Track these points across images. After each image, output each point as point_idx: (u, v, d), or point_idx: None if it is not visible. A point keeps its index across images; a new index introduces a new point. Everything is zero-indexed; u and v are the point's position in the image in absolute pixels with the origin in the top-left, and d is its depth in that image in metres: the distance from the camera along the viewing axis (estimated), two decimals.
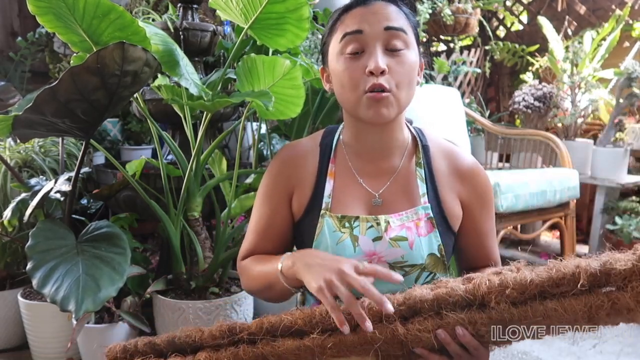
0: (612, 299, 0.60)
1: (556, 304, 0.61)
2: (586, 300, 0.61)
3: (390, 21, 0.81)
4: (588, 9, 4.07)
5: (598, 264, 0.61)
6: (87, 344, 1.49)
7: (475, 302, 0.65)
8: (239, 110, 1.87)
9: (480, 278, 0.66)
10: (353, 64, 0.82)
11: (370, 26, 0.81)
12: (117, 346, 0.74)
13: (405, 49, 0.82)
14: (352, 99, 0.83)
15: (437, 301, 0.66)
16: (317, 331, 0.67)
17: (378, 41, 0.81)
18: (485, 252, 0.94)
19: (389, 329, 0.66)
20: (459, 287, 0.66)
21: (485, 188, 0.92)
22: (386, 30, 0.81)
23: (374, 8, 0.82)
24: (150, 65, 1.15)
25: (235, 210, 1.54)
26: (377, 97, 0.80)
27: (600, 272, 0.61)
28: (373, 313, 0.67)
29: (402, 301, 0.67)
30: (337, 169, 0.92)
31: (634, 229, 2.75)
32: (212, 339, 0.71)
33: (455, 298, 0.65)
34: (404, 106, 0.84)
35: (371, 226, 0.85)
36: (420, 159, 0.91)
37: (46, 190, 1.45)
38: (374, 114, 0.81)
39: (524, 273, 0.64)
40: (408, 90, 0.83)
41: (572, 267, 0.62)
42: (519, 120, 4.04)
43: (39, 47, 3.04)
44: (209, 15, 2.77)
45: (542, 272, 0.63)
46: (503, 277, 0.64)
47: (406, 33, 0.82)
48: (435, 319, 0.65)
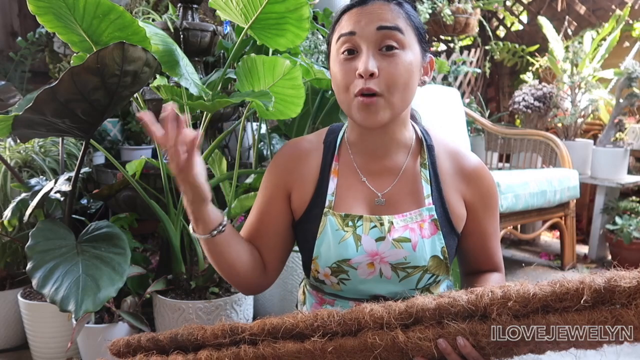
0: (615, 315, 0.60)
1: (558, 318, 0.61)
2: (589, 316, 0.60)
3: (384, 21, 0.80)
4: (588, 9, 4.07)
5: (602, 281, 0.61)
6: (87, 344, 1.49)
7: (477, 313, 0.65)
8: (239, 110, 1.87)
9: (483, 289, 0.66)
10: (346, 65, 0.81)
11: (363, 27, 0.80)
12: (120, 340, 0.75)
13: (400, 50, 0.80)
14: (345, 101, 0.83)
15: (439, 310, 0.66)
16: (318, 335, 0.67)
17: (370, 42, 0.80)
18: (488, 254, 0.94)
19: (390, 336, 0.65)
20: (461, 297, 0.66)
21: (490, 189, 0.91)
22: (379, 30, 0.79)
23: (370, 8, 0.81)
24: (150, 65, 1.15)
25: (235, 210, 1.54)
26: (365, 102, 0.79)
27: (605, 289, 0.60)
28: (374, 319, 0.67)
29: (404, 309, 0.67)
30: (340, 167, 0.91)
31: (634, 229, 2.75)
32: (213, 337, 0.71)
33: (457, 308, 0.65)
34: (399, 108, 0.83)
35: (374, 226, 0.85)
36: (425, 160, 0.90)
37: (46, 190, 1.45)
38: (363, 118, 0.80)
39: (527, 287, 0.64)
40: (403, 92, 0.81)
41: (576, 283, 0.62)
42: (519, 120, 4.04)
43: (39, 47, 3.04)
44: (209, 15, 2.77)
45: (546, 286, 0.63)
46: (506, 290, 0.64)
47: (402, 32, 0.80)
48: (437, 328, 0.65)
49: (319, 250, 0.86)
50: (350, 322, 0.67)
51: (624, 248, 2.83)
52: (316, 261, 0.87)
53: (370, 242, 0.85)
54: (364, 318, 0.67)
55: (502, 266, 0.96)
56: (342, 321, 0.68)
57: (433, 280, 0.88)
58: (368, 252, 0.85)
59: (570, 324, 0.61)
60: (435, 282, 0.89)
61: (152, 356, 0.72)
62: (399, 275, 0.85)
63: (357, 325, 0.67)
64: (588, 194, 3.48)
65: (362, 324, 0.67)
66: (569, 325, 0.61)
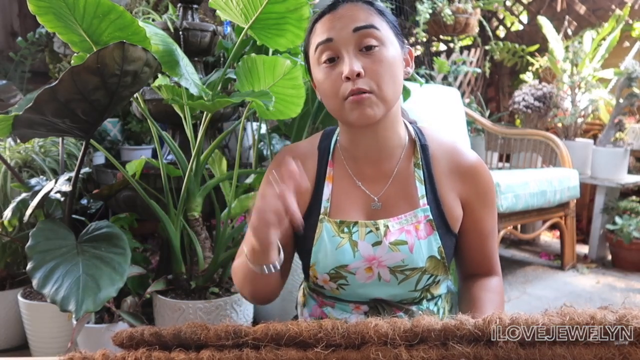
0: (623, 353, 0.59)
1: (565, 350, 0.61)
2: (596, 351, 0.60)
3: (357, 22, 0.80)
4: (588, 9, 4.07)
5: (614, 319, 0.61)
6: (87, 344, 1.49)
7: (484, 338, 0.65)
8: (239, 110, 1.87)
9: (491, 316, 0.65)
10: (330, 72, 0.81)
11: (338, 32, 0.80)
12: (124, 332, 0.75)
13: (380, 46, 0.80)
14: (335, 107, 0.82)
15: (444, 332, 0.65)
16: (321, 346, 0.67)
17: (349, 45, 0.79)
18: (485, 254, 0.92)
19: (393, 353, 0.65)
20: (468, 321, 0.66)
21: (487, 186, 0.90)
22: (355, 31, 0.79)
23: (340, 12, 0.81)
24: (150, 65, 1.15)
25: (235, 210, 1.54)
26: (358, 99, 0.78)
27: (615, 327, 0.60)
28: (378, 335, 0.66)
29: (410, 327, 0.67)
30: (335, 173, 0.91)
31: (634, 229, 2.76)
32: (217, 338, 0.71)
33: (464, 332, 0.65)
34: (391, 103, 0.82)
35: (370, 231, 0.85)
36: (418, 160, 0.89)
37: (46, 190, 1.45)
38: (358, 115, 0.80)
39: (536, 316, 0.64)
40: (393, 86, 0.81)
41: (586, 317, 0.61)
42: (519, 120, 4.04)
43: (39, 47, 3.04)
44: (209, 15, 2.77)
45: (555, 317, 0.63)
46: (514, 317, 0.64)
47: (378, 29, 0.80)
48: (441, 349, 0.65)
49: (317, 257, 0.86)
50: (354, 336, 0.66)
51: (624, 248, 2.83)
52: (314, 268, 0.87)
53: (366, 248, 0.84)
54: (368, 333, 0.67)
55: (499, 269, 0.95)
56: (346, 334, 0.68)
57: (432, 281, 0.87)
58: (365, 257, 0.84)
59: (576, 358, 0.60)
60: (435, 283, 0.89)
61: (154, 351, 0.72)
62: (397, 278, 0.85)
63: (361, 339, 0.67)
64: (588, 194, 3.48)
65: (365, 338, 0.67)
66: (575, 358, 0.61)
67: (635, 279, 2.73)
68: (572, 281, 2.67)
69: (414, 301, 0.90)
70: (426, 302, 0.91)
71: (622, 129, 3.02)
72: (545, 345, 0.62)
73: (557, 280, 2.69)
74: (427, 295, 0.90)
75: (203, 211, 1.53)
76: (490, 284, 0.91)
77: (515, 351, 0.62)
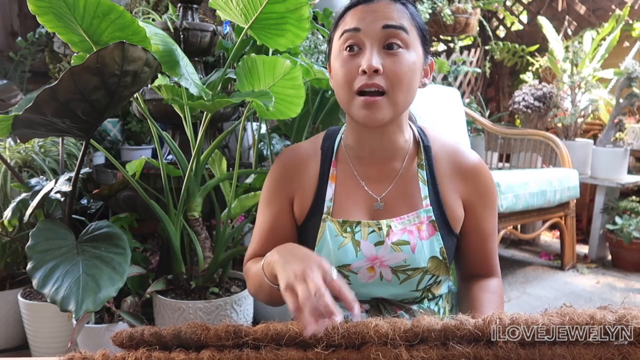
0: (623, 353, 0.59)
1: (565, 351, 0.61)
2: (596, 351, 0.60)
3: (389, 20, 0.79)
4: (588, 9, 4.07)
5: (613, 319, 0.61)
6: (87, 344, 1.49)
7: (484, 338, 0.65)
8: (239, 110, 1.87)
9: (491, 315, 0.66)
10: (349, 61, 0.80)
11: (368, 24, 0.80)
12: (124, 332, 0.74)
13: (404, 49, 0.80)
14: (346, 98, 0.82)
15: (444, 332, 0.66)
16: (321, 346, 0.67)
17: (375, 40, 0.79)
18: (485, 254, 0.93)
19: (393, 353, 0.65)
20: (468, 321, 0.66)
21: (488, 187, 0.90)
22: (384, 28, 0.79)
23: (375, 6, 0.81)
24: (150, 65, 1.15)
25: (235, 210, 1.54)
26: (369, 101, 0.78)
27: (615, 327, 0.60)
28: (379, 335, 0.66)
29: (410, 327, 0.67)
30: (338, 173, 0.91)
31: (634, 229, 2.76)
32: (217, 339, 0.71)
33: (464, 332, 0.65)
34: (401, 109, 0.82)
35: (373, 231, 0.85)
36: (422, 161, 0.89)
37: (46, 190, 1.45)
38: (365, 116, 0.79)
39: (536, 316, 0.64)
40: (407, 92, 0.81)
41: (586, 318, 0.61)
42: (519, 120, 4.04)
43: (39, 47, 3.04)
44: (209, 15, 2.77)
45: (555, 317, 0.63)
46: (514, 317, 0.64)
47: (407, 32, 0.80)
48: (441, 349, 0.65)
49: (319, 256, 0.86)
50: (354, 336, 0.67)
51: (624, 248, 2.83)
52: None
53: (369, 247, 0.84)
54: (368, 333, 0.67)
55: (498, 270, 0.95)
56: (347, 334, 0.68)
57: (433, 281, 0.88)
58: (367, 256, 0.84)
59: (576, 358, 0.61)
60: (436, 283, 0.89)
61: (154, 351, 0.72)
62: (399, 278, 0.86)
63: (361, 339, 0.67)
64: (588, 194, 3.48)
65: (366, 338, 0.67)
66: (575, 358, 0.61)
67: (635, 279, 2.73)
68: (572, 281, 2.68)
69: (415, 301, 0.90)
70: (427, 302, 0.91)
71: (622, 129, 3.02)
72: (545, 346, 0.62)
73: (557, 280, 2.69)
74: (429, 295, 0.90)
75: (203, 211, 1.53)
76: (490, 285, 0.91)
77: (515, 351, 0.63)
